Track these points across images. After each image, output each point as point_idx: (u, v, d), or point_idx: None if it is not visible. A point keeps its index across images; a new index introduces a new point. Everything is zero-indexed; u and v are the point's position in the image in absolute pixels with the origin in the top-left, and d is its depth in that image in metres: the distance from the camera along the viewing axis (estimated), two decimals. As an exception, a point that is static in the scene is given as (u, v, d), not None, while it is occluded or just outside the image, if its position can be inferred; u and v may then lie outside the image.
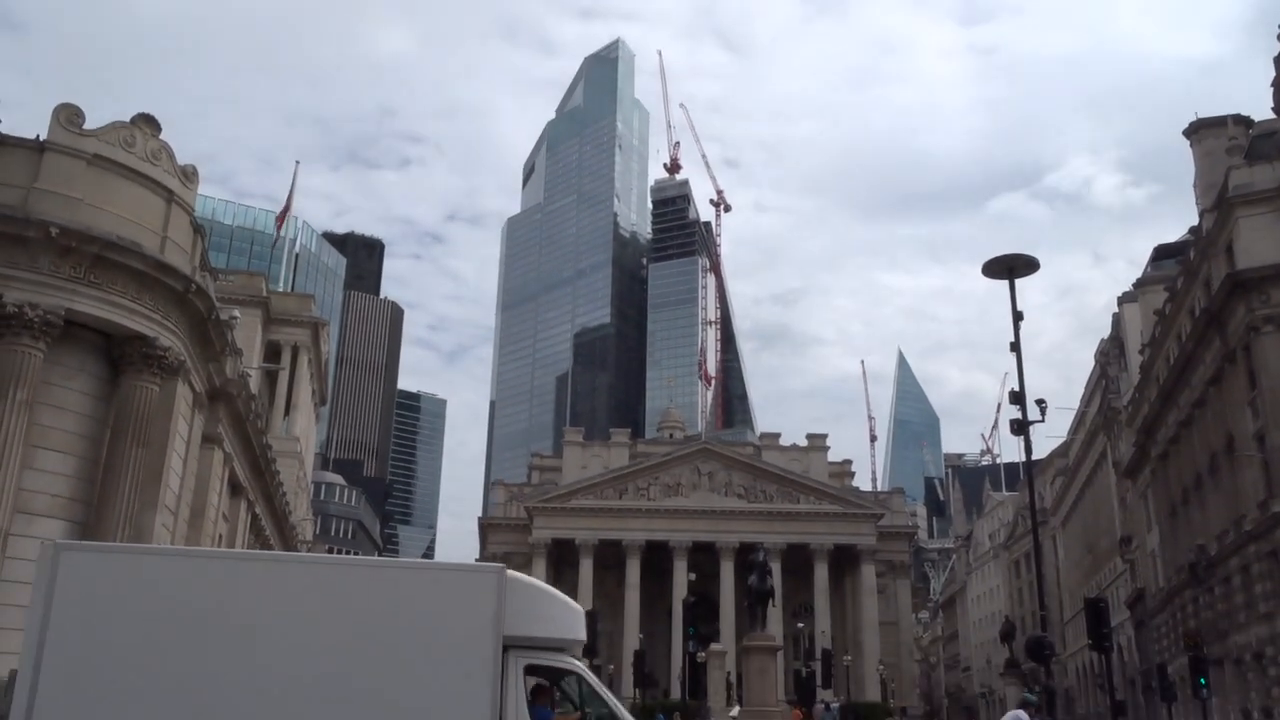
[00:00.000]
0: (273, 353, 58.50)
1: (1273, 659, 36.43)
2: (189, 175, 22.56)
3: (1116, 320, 67.86)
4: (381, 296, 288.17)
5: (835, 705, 54.07)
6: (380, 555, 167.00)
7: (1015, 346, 24.13)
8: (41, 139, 19.80)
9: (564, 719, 12.69)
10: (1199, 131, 47.05)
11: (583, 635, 12.99)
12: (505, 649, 11.58)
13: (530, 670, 12.12)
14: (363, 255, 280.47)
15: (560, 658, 12.56)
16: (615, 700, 12.83)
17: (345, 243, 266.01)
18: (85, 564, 11.31)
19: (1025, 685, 73.51)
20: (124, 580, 11.34)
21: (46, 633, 10.64)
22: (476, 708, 11.23)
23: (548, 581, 72.57)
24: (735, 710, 49.27)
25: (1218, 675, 40.91)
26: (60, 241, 18.74)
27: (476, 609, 11.59)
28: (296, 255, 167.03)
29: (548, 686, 12.79)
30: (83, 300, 19.33)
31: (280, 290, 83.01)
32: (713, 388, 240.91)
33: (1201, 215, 44.17)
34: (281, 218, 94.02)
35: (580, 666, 12.89)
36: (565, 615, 12.71)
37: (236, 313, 28.66)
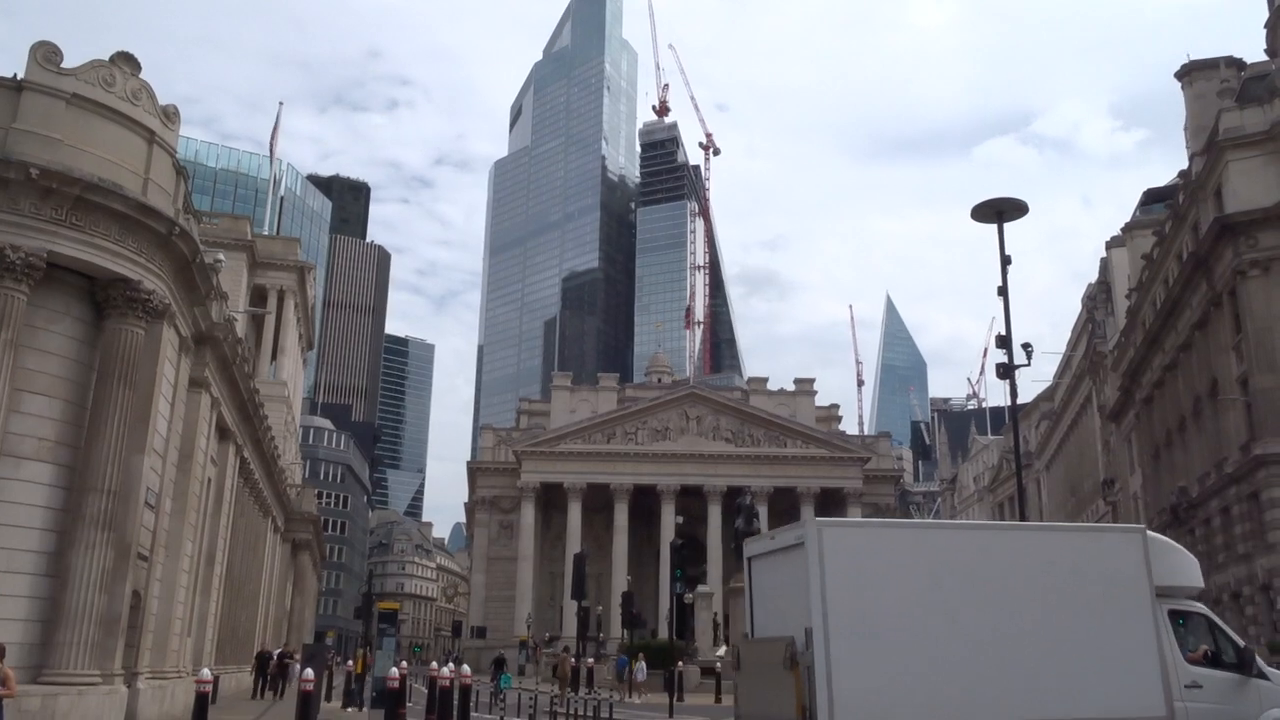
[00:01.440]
0: (259, 297, 58.19)
1: (1249, 598, 37.10)
2: (170, 115, 22.18)
3: (1104, 265, 67.93)
4: (368, 240, 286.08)
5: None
6: (369, 498, 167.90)
7: (1003, 290, 24.14)
8: (19, 78, 19.42)
9: (1193, 657, 14.24)
10: (1190, 74, 46.72)
11: (1202, 582, 15.17)
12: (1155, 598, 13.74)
13: (1171, 615, 14.11)
14: (349, 198, 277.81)
15: (1191, 603, 14.67)
16: (1238, 637, 14.83)
17: (331, 186, 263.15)
18: (841, 536, 13.33)
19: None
20: (873, 548, 13.30)
21: (826, 593, 12.54)
22: (1144, 652, 13.39)
23: (537, 525, 73.46)
24: (722, 650, 50.01)
25: (1196, 614, 41.62)
26: (40, 183, 18.45)
27: (1129, 565, 13.75)
28: (281, 198, 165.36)
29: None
30: (64, 243, 19.08)
31: (265, 234, 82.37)
32: (701, 333, 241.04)
33: (1191, 159, 44.03)
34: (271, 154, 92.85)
35: (1206, 609, 14.85)
36: (1191, 565, 14.80)
37: (221, 256, 28.41)
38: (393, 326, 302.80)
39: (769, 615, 13.85)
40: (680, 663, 41.17)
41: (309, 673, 15.81)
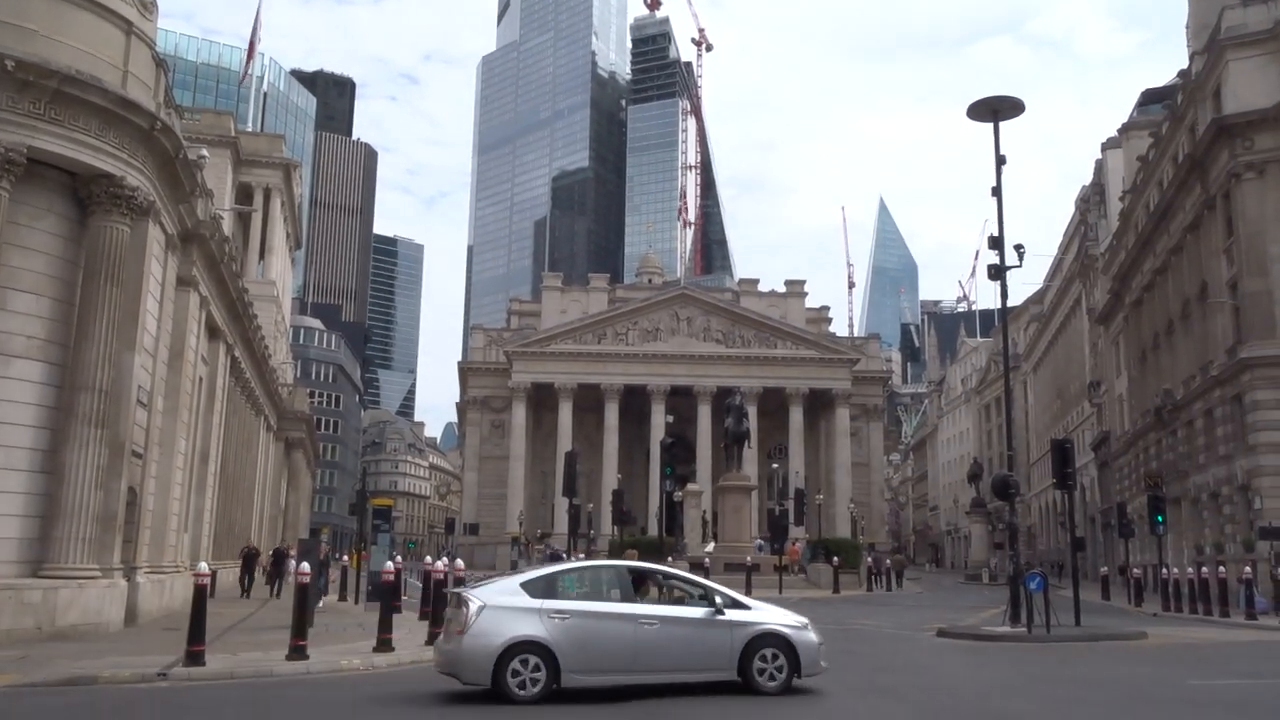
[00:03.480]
0: (244, 195, 57.50)
1: (1228, 498, 37.84)
2: (147, 5, 21.56)
3: (1099, 166, 67.33)
4: (354, 139, 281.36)
5: (803, 542, 56.12)
6: (362, 398, 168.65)
7: (997, 191, 24.00)
8: (-11, -36, 18.78)
9: None
10: (1196, -31, 45.61)
11: None
12: None
13: None
14: (333, 95, 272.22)
15: None
16: None
17: (315, 81, 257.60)
18: None
19: (989, 523, 76.38)
20: None
21: None
22: None
23: (528, 425, 73.70)
24: (710, 546, 51.02)
25: (1174, 513, 42.54)
26: (17, 75, 18.00)
27: None
28: (265, 94, 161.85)
29: None
30: (44, 138, 18.72)
31: (249, 130, 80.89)
32: (692, 233, 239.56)
33: (1191, 59, 43.27)
34: (250, 56, 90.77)
35: None
36: None
37: (205, 152, 27.92)
38: (382, 227, 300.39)
39: None
40: (670, 558, 42.02)
41: (305, 566, 16.08)
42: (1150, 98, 59.71)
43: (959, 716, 11.26)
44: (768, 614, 12.78)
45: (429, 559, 22.15)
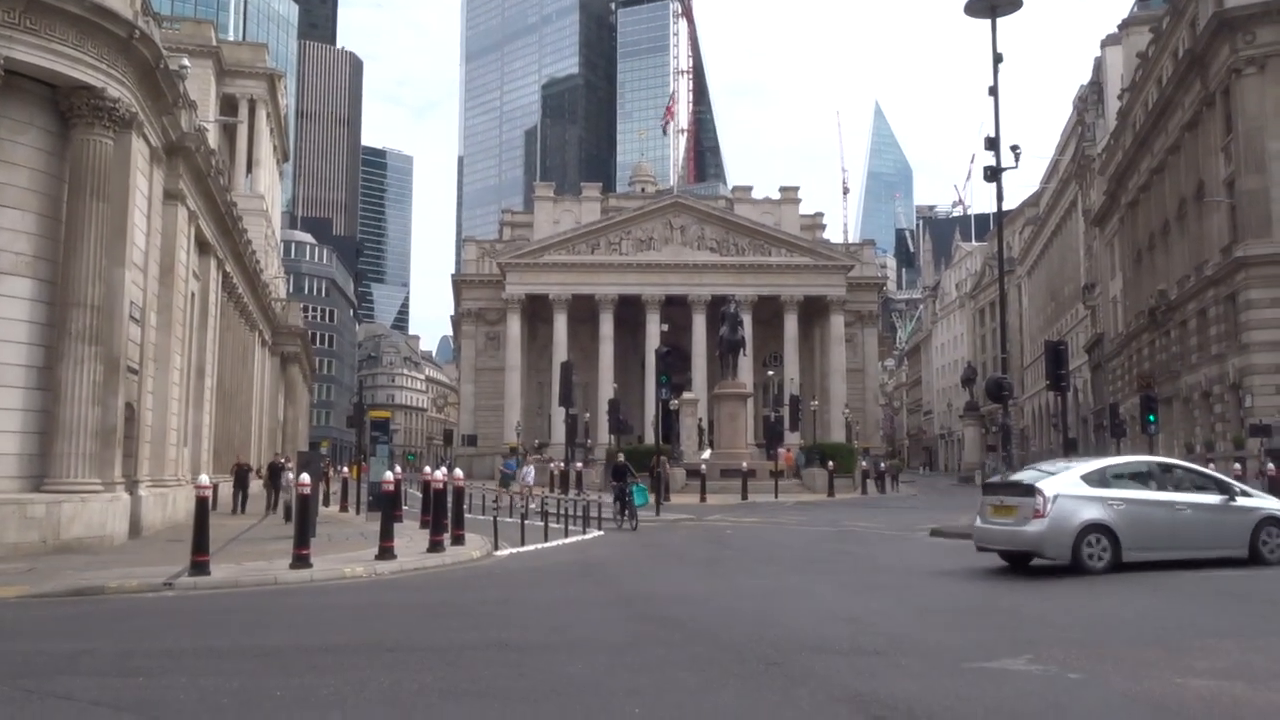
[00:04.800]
0: (229, 107, 56.49)
1: (1219, 397, 38.18)
2: (120, -92, 20.84)
3: (1098, 64, 66.28)
4: (339, 47, 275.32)
5: (796, 448, 56.73)
6: (356, 312, 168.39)
7: (994, 90, 23.61)
8: None
9: None
10: None
11: None
12: None
13: None
14: (316, 1, 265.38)
15: None
16: None
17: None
18: None
19: (983, 426, 77.13)
20: None
21: None
22: None
23: (523, 337, 73.85)
24: (706, 453, 51.58)
25: (1166, 413, 42.97)
26: (-12, -17, 17.52)
27: None
28: (245, 1, 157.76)
29: None
30: (21, 48, 18.27)
31: (231, 40, 79.11)
32: (685, 141, 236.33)
33: (1195, -51, 42.20)
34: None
35: None
36: None
37: (186, 62, 27.25)
38: (371, 139, 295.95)
39: None
40: (665, 461, 42.46)
41: (305, 477, 16.22)
42: (1152, -9, 58.51)
43: (955, 611, 11.49)
44: (1270, 502, 15.36)
45: (428, 469, 22.34)
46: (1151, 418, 36.59)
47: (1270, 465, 27.31)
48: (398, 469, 23.38)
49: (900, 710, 6.45)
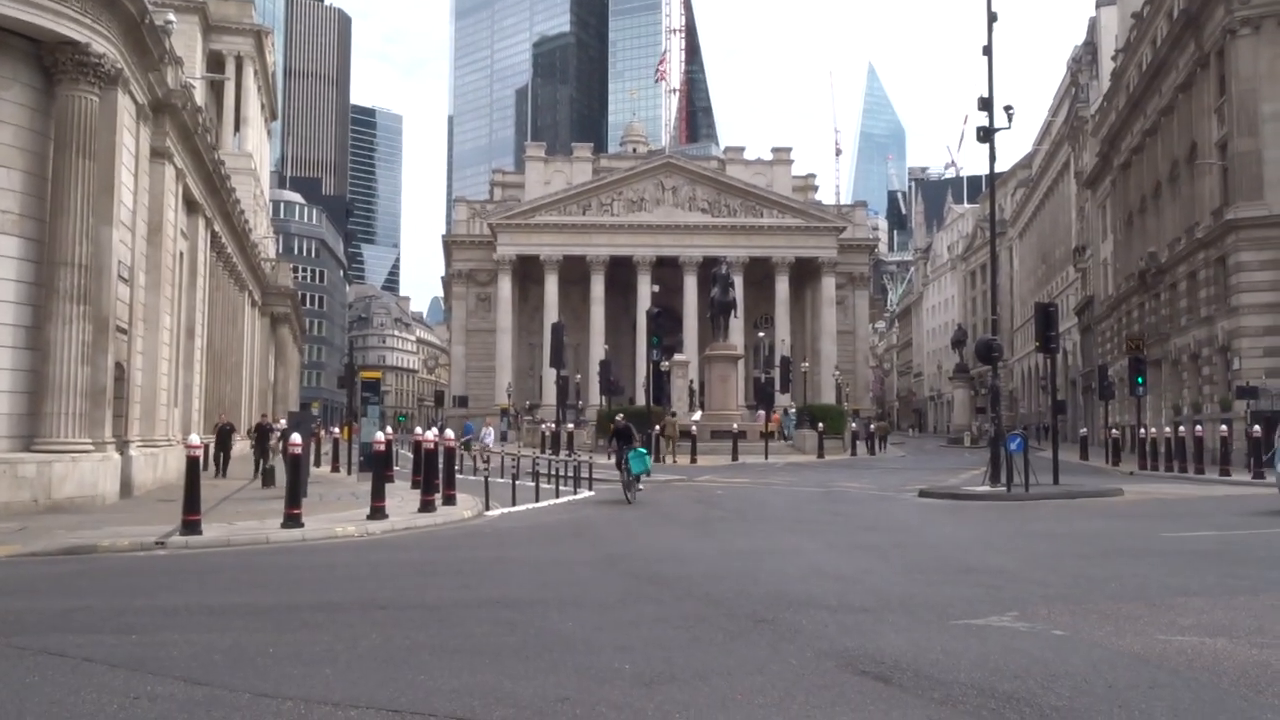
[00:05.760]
0: (215, 64, 55.78)
1: (1207, 359, 38.36)
2: None
3: (1093, 24, 65.83)
4: (326, 3, 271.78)
5: (792, 410, 56.89)
6: (346, 273, 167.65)
7: (988, 50, 23.47)
8: None
9: None
10: None
11: None
12: None
13: None
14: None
15: None
16: None
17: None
18: None
19: (972, 388, 77.40)
20: None
21: None
22: None
23: (514, 298, 73.70)
24: (697, 415, 51.68)
25: (1154, 375, 43.18)
26: (-32, -65, 17.24)
27: None
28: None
29: None
30: (4, 2, 18.04)
31: (217, -4, 77.74)
32: (677, 101, 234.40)
33: (1192, -92, 41.77)
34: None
35: None
36: None
37: (172, 17, 26.88)
38: (360, 97, 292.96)
39: None
40: (659, 426, 42.58)
41: (296, 437, 16.23)
42: (1148, -49, 57.91)
43: (942, 569, 11.60)
44: None
45: (419, 430, 22.36)
46: (1140, 380, 36.77)
47: (1256, 427, 27.52)
48: (389, 429, 23.40)
49: (887, 664, 6.54)
